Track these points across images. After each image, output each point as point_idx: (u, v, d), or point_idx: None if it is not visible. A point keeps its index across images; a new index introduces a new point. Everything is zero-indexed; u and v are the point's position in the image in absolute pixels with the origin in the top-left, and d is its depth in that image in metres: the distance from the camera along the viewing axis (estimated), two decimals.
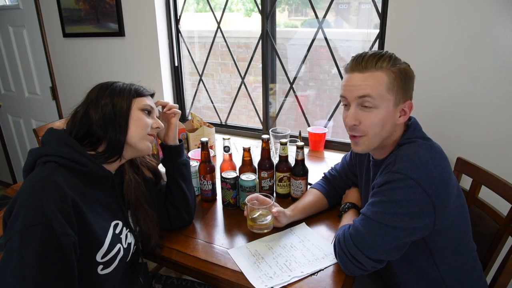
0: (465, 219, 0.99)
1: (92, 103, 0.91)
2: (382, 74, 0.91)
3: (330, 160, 1.75)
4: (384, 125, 0.93)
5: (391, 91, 0.92)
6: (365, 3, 1.84)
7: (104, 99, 0.91)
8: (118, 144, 0.91)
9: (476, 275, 1.03)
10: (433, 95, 1.54)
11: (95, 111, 0.89)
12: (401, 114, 0.95)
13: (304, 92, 2.11)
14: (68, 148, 0.85)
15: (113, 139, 0.90)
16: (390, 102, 0.92)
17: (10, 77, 2.90)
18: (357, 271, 0.93)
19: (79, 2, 2.31)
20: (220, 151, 1.70)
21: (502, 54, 1.39)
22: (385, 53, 0.94)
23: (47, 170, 0.80)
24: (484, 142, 1.51)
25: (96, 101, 0.91)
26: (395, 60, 0.94)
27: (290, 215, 1.17)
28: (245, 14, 2.26)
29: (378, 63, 0.91)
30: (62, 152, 0.84)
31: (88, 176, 0.86)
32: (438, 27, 1.48)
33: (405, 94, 0.94)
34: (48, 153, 0.84)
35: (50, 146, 0.85)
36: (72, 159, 0.84)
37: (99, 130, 0.89)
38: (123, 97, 0.93)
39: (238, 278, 0.97)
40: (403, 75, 0.93)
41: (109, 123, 0.89)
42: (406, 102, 0.95)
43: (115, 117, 0.90)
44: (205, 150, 1.29)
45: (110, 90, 0.93)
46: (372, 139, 0.95)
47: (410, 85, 0.95)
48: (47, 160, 0.83)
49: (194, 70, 2.36)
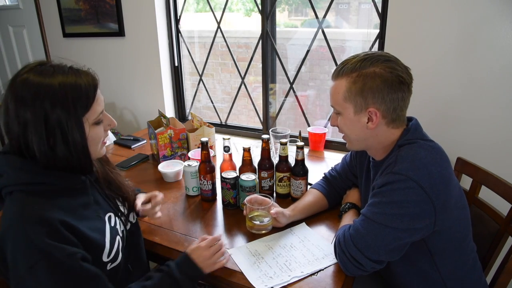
0: (466, 220, 0.98)
1: (33, 130, 0.74)
2: (342, 82, 0.93)
3: (330, 160, 1.75)
4: (352, 130, 0.98)
5: (348, 99, 0.93)
6: (365, 3, 1.84)
7: (46, 130, 0.75)
8: (85, 170, 0.85)
9: (476, 276, 1.03)
10: (433, 95, 1.54)
11: (42, 143, 0.75)
12: (368, 120, 0.94)
13: (304, 92, 2.11)
14: (28, 174, 0.77)
15: (77, 167, 0.82)
16: (350, 110, 0.94)
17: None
18: (357, 271, 0.93)
19: (79, 2, 2.31)
20: (220, 151, 1.70)
21: (503, 54, 1.39)
22: (357, 57, 0.92)
23: (19, 204, 0.75)
24: (484, 142, 1.51)
25: (38, 130, 0.74)
26: (363, 63, 0.90)
27: (290, 215, 1.17)
28: (245, 14, 2.26)
29: (342, 70, 0.94)
30: (23, 180, 0.77)
31: (62, 191, 0.81)
32: (438, 27, 1.48)
33: (365, 101, 0.91)
34: (9, 183, 0.77)
35: (7, 176, 0.77)
36: (37, 182, 0.77)
37: (58, 164, 0.79)
38: (72, 124, 0.76)
39: (238, 278, 0.97)
40: (362, 81, 0.90)
41: (66, 161, 0.79)
42: (368, 109, 0.92)
43: (72, 153, 0.79)
44: (205, 150, 1.29)
45: (47, 112, 0.74)
46: (349, 140, 1.02)
47: (372, 91, 0.90)
48: (12, 190, 0.77)
49: (194, 70, 2.36)
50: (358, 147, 1.04)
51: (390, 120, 0.94)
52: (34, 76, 0.76)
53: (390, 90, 0.90)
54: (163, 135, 1.63)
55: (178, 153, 1.70)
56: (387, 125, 0.95)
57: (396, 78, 0.90)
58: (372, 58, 0.91)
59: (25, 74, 0.77)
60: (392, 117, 0.93)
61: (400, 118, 0.95)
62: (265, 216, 1.15)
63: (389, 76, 0.89)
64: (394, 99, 0.91)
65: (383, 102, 0.91)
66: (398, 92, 0.91)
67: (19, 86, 0.76)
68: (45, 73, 0.77)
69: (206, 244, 0.99)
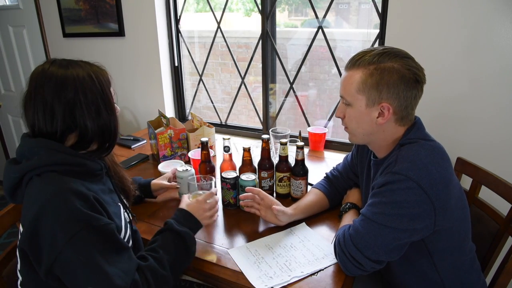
0: (466, 220, 0.98)
1: (75, 106, 0.83)
2: (357, 73, 0.92)
3: (330, 160, 1.75)
4: (359, 123, 0.97)
5: (361, 92, 0.92)
6: (365, 3, 1.84)
7: (88, 105, 0.85)
8: (113, 144, 0.94)
9: (475, 276, 1.03)
10: (433, 95, 1.54)
11: (84, 118, 0.85)
12: (379, 115, 0.93)
13: (304, 92, 2.11)
14: (61, 154, 0.83)
15: (108, 141, 0.92)
16: (362, 102, 0.93)
17: (10, 77, 2.90)
18: (357, 271, 0.93)
19: (79, 2, 2.31)
20: (220, 151, 1.70)
21: (503, 54, 1.39)
22: (375, 50, 0.92)
23: (54, 181, 0.80)
24: (484, 142, 1.51)
25: (79, 104, 0.84)
26: (382, 57, 0.90)
27: (291, 214, 1.17)
28: (245, 14, 2.26)
29: (359, 61, 0.92)
30: (57, 159, 0.82)
31: (86, 174, 0.87)
32: (438, 27, 1.48)
33: (379, 95, 0.90)
34: (40, 164, 0.81)
35: (39, 157, 0.82)
36: (69, 163, 0.83)
37: (96, 137, 0.88)
38: (107, 99, 0.89)
39: (238, 278, 0.97)
40: (379, 75, 0.89)
41: (105, 130, 0.89)
42: (381, 104, 0.91)
43: (109, 123, 0.89)
44: (205, 150, 1.29)
45: (90, 90, 0.85)
46: (354, 134, 1.01)
47: (388, 86, 0.89)
48: (40, 172, 0.81)
49: (194, 70, 2.36)
50: (361, 141, 1.03)
51: (399, 117, 0.94)
52: (59, 68, 0.85)
53: (406, 87, 0.90)
54: (163, 135, 1.63)
55: (178, 153, 1.70)
56: (396, 122, 0.95)
57: (413, 76, 0.90)
58: (391, 53, 0.90)
59: (50, 67, 0.85)
60: (402, 114, 0.93)
61: (408, 117, 0.95)
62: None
63: (407, 73, 0.89)
64: (408, 97, 0.91)
65: (397, 98, 0.90)
66: (413, 90, 0.91)
67: (48, 76, 0.83)
68: (68, 65, 0.87)
69: (202, 198, 1.06)
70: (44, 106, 0.82)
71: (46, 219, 0.75)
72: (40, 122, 0.83)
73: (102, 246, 0.77)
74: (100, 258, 0.75)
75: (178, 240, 0.93)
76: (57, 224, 0.75)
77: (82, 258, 0.74)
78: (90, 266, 0.74)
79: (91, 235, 0.76)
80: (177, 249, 0.91)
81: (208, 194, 1.08)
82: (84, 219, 0.76)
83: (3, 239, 2.54)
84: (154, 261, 0.85)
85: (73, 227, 0.75)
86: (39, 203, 0.77)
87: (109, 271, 0.75)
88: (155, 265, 0.84)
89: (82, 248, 0.75)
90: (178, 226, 0.95)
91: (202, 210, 1.03)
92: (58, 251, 0.74)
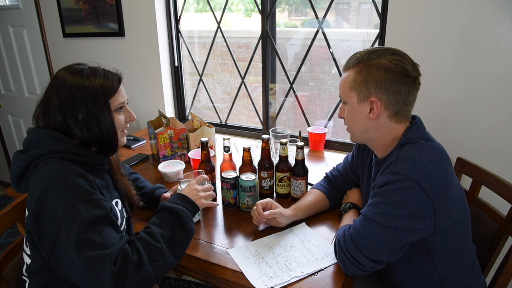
0: (466, 221, 0.98)
1: (71, 118, 0.89)
2: (350, 72, 0.97)
3: (330, 160, 1.75)
4: (354, 120, 0.99)
5: (353, 88, 0.96)
6: (365, 3, 1.84)
7: (81, 112, 0.89)
8: (114, 149, 0.98)
9: (474, 276, 1.03)
10: (433, 95, 1.54)
11: (79, 129, 0.90)
12: (370, 110, 0.95)
13: (304, 92, 2.11)
14: (66, 144, 0.88)
15: (109, 146, 0.96)
16: (354, 99, 0.97)
17: (10, 77, 2.90)
18: (357, 271, 0.94)
19: (79, 2, 2.31)
20: (220, 151, 1.70)
21: (503, 54, 1.39)
22: (367, 49, 0.96)
23: (59, 164, 0.84)
24: (484, 142, 1.51)
25: (74, 115, 0.89)
26: (371, 55, 0.93)
27: (290, 215, 1.17)
28: (245, 14, 2.26)
29: (351, 61, 0.97)
30: (62, 148, 0.87)
31: (87, 165, 0.91)
32: (438, 27, 1.48)
33: (368, 90, 0.93)
34: (47, 152, 0.86)
35: (46, 145, 0.87)
36: (72, 152, 0.88)
37: (94, 144, 0.94)
38: (101, 108, 0.91)
39: (238, 278, 0.97)
40: (367, 71, 0.92)
41: (99, 140, 0.93)
42: (370, 99, 0.93)
43: (103, 134, 0.93)
44: (205, 150, 1.29)
45: (83, 98, 0.89)
46: (352, 132, 1.04)
47: (376, 81, 0.91)
48: (45, 159, 0.86)
49: (194, 70, 2.36)
50: (360, 139, 1.05)
51: (392, 113, 0.94)
52: (72, 75, 0.93)
53: (393, 81, 0.91)
54: (163, 135, 1.64)
55: (178, 153, 1.71)
56: (389, 118, 0.95)
57: (400, 70, 0.90)
58: (379, 50, 0.94)
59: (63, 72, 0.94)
60: (394, 110, 0.94)
61: (403, 113, 0.95)
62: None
63: (393, 67, 0.91)
64: (397, 91, 0.91)
65: (386, 92, 0.92)
66: (402, 85, 0.91)
67: (63, 81, 0.92)
68: (82, 72, 0.94)
69: (195, 181, 1.08)
70: (46, 105, 0.91)
71: (49, 196, 0.79)
72: (39, 116, 0.92)
73: (97, 219, 0.79)
74: (93, 230, 0.77)
75: (172, 217, 0.91)
76: (58, 199, 0.78)
77: (75, 228, 0.75)
78: (83, 236, 0.75)
79: (88, 207, 0.79)
80: (172, 225, 0.89)
81: (199, 178, 1.10)
82: (83, 193, 0.81)
83: (3, 239, 2.54)
84: (144, 234, 0.86)
85: (71, 199, 0.78)
86: (43, 183, 0.80)
87: (100, 240, 0.77)
88: (146, 236, 0.84)
89: (77, 217, 0.77)
90: (171, 204, 0.95)
91: (196, 191, 1.03)
92: (57, 225, 0.76)
